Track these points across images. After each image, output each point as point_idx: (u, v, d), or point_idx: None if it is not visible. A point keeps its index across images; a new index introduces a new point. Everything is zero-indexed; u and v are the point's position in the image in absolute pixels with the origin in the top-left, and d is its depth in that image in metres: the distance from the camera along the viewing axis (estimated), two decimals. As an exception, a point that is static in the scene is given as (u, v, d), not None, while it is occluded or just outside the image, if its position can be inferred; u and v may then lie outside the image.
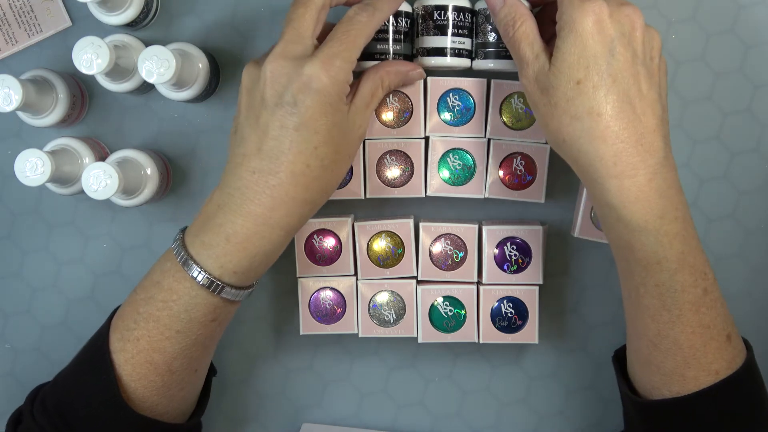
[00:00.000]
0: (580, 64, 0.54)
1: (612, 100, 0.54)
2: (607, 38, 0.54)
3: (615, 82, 0.54)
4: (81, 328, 0.74)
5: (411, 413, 0.75)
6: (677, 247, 0.55)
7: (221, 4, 0.71)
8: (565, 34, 0.55)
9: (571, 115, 0.55)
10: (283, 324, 0.74)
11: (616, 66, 0.54)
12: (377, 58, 0.66)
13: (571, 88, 0.54)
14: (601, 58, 0.54)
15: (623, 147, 0.54)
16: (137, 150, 0.68)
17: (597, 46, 0.54)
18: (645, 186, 0.54)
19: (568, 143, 0.56)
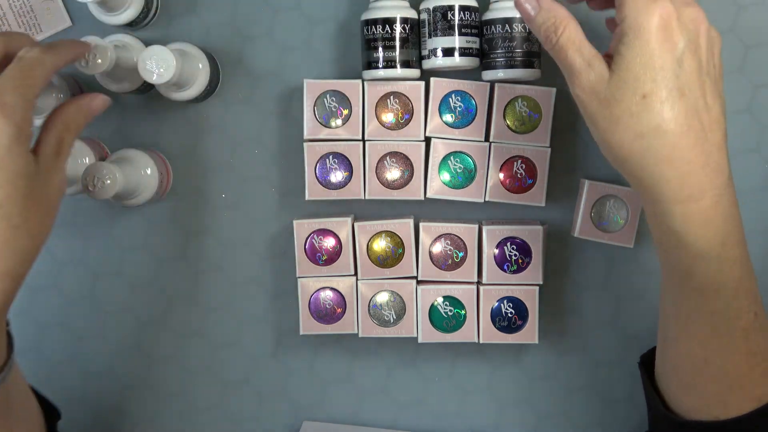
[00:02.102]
0: (647, 76, 0.49)
1: (680, 116, 0.50)
2: (675, 45, 0.50)
3: (683, 96, 0.50)
4: (81, 329, 0.74)
5: (411, 413, 0.75)
6: (737, 273, 0.52)
7: (221, 3, 0.71)
8: (629, 39, 0.50)
9: (636, 132, 0.50)
10: (283, 324, 0.74)
11: (684, 78, 0.50)
12: (382, 66, 0.66)
13: (636, 102, 0.50)
14: (669, 69, 0.49)
15: (691, 169, 0.50)
16: (137, 150, 0.68)
17: (666, 55, 0.49)
18: (711, 210, 0.51)
19: (631, 162, 0.51)
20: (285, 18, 0.71)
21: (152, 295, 0.74)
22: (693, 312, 0.54)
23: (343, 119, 0.68)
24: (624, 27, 0.50)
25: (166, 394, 0.75)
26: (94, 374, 0.75)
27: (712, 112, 0.51)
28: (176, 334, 0.75)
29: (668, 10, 0.49)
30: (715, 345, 0.53)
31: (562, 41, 0.53)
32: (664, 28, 0.49)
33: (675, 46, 0.50)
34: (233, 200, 0.73)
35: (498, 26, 0.66)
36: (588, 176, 0.72)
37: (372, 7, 0.67)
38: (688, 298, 0.54)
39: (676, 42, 0.50)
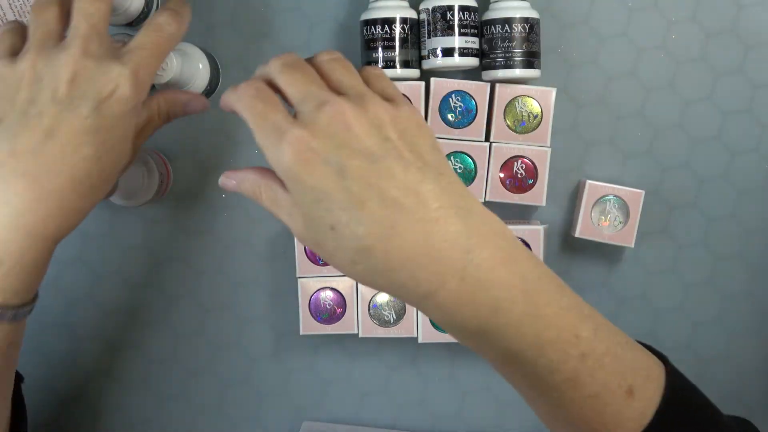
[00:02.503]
0: (320, 209, 0.45)
1: (373, 225, 0.44)
2: (326, 165, 0.45)
3: (365, 203, 0.44)
4: (80, 329, 0.74)
5: (411, 413, 0.75)
6: (527, 331, 0.46)
7: (221, 3, 0.71)
8: (287, 185, 0.47)
9: (350, 261, 0.45)
10: (283, 324, 0.74)
11: (356, 187, 0.44)
12: (382, 66, 0.66)
13: (331, 237, 0.45)
14: (335, 191, 0.44)
15: (415, 264, 0.45)
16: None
17: (322, 180, 0.45)
18: (458, 288, 0.45)
19: (368, 284, 0.47)
20: (285, 18, 0.71)
21: (152, 295, 0.74)
22: (512, 380, 0.49)
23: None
24: (277, 174, 0.47)
25: (166, 394, 0.75)
26: (94, 374, 0.75)
27: (410, 187, 0.45)
28: (176, 334, 0.75)
29: (295, 136, 0.45)
30: (549, 402, 0.48)
31: (265, 204, 0.50)
32: (305, 158, 0.45)
33: (326, 164, 0.45)
34: (233, 200, 0.73)
35: (498, 26, 0.66)
36: (588, 176, 0.72)
37: (371, 8, 0.67)
38: (500, 370, 0.49)
39: (324, 159, 0.45)
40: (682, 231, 0.73)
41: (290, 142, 0.45)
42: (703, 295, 0.73)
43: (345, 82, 0.49)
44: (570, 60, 0.71)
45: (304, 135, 0.45)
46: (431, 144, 0.48)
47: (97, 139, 0.51)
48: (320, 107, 0.46)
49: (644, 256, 0.73)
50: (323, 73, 0.50)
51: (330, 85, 0.49)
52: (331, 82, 0.49)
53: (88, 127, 0.50)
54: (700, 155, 0.72)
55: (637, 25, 0.71)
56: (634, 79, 0.71)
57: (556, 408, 0.48)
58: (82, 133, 0.50)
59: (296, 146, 0.45)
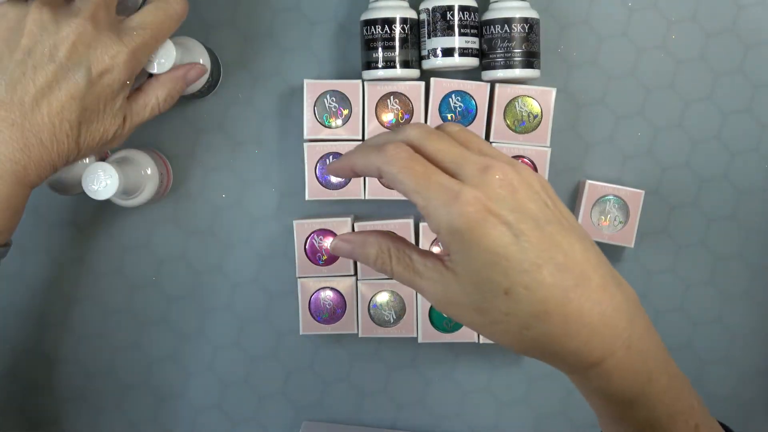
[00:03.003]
0: (496, 272, 0.43)
1: (551, 287, 0.43)
2: (499, 224, 0.43)
3: (539, 267, 0.43)
4: (81, 329, 0.74)
5: (411, 413, 0.75)
6: (668, 400, 0.47)
7: (221, 3, 0.71)
8: (454, 246, 0.44)
9: (520, 327, 0.44)
10: (283, 324, 0.74)
11: (532, 251, 0.43)
12: (381, 66, 0.66)
13: (503, 301, 0.44)
14: (510, 249, 0.43)
15: (590, 331, 0.44)
16: (137, 150, 0.68)
17: (499, 242, 0.43)
18: (625, 357, 0.45)
19: (531, 353, 0.46)
20: (285, 18, 0.72)
21: (152, 294, 0.74)
22: None
23: (343, 119, 0.68)
24: (441, 238, 0.45)
25: (166, 394, 0.75)
26: (94, 374, 0.75)
27: (575, 255, 0.44)
28: (176, 333, 0.75)
29: (471, 197, 0.43)
30: None
31: (395, 269, 0.48)
32: (478, 219, 0.43)
33: (502, 227, 0.43)
34: (233, 200, 0.73)
35: (497, 26, 0.66)
36: (588, 176, 0.72)
37: (371, 8, 0.67)
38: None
39: (501, 221, 0.43)
40: (682, 231, 0.73)
41: (465, 201, 0.43)
42: (703, 295, 0.73)
43: (486, 150, 0.47)
44: (570, 60, 0.71)
45: (478, 195, 0.43)
46: (566, 208, 0.48)
47: (82, 106, 0.54)
48: (486, 170, 0.44)
49: (644, 256, 0.73)
50: (460, 140, 0.48)
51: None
52: (472, 150, 0.47)
53: (76, 94, 0.54)
54: (700, 155, 0.72)
55: (637, 25, 0.71)
56: (634, 79, 0.71)
57: None
58: (71, 98, 0.53)
59: (472, 206, 0.43)
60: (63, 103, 0.53)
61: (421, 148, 0.46)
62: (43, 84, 0.53)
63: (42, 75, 0.53)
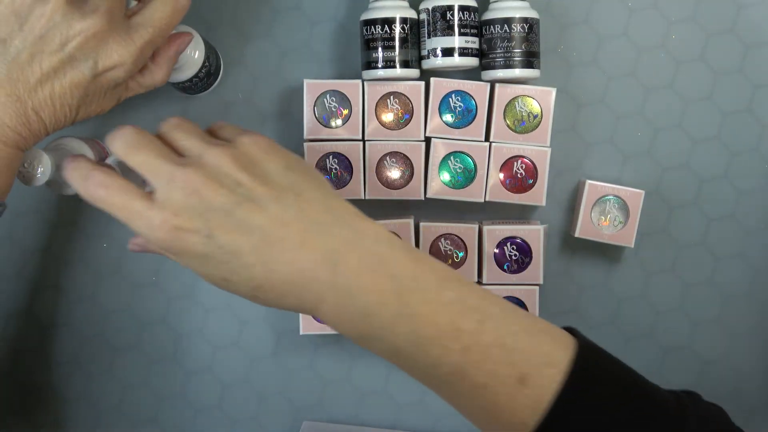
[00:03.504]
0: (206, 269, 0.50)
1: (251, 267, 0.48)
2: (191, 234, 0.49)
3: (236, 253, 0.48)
4: (82, 329, 0.74)
5: (411, 413, 0.75)
6: (403, 330, 0.48)
7: (221, 3, 0.71)
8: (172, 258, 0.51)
9: (251, 297, 0.50)
10: (283, 324, 0.74)
11: (222, 240, 0.48)
12: (381, 66, 0.66)
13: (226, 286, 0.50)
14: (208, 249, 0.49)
15: (294, 287, 0.48)
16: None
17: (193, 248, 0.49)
18: (333, 299, 0.48)
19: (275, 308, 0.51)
20: (285, 18, 0.72)
21: (152, 294, 0.74)
22: (407, 372, 0.50)
23: (343, 119, 0.68)
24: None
25: (166, 394, 0.75)
26: (95, 374, 0.75)
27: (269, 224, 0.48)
28: (176, 333, 0.75)
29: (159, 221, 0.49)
30: (444, 394, 0.50)
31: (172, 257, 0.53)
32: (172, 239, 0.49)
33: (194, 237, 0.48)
34: (233, 200, 0.73)
35: (497, 26, 0.66)
36: (588, 176, 0.72)
37: (371, 8, 0.67)
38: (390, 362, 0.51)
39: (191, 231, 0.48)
40: (682, 231, 0.73)
41: (157, 228, 0.49)
42: (703, 295, 0.73)
43: (185, 146, 0.52)
44: (570, 60, 0.71)
45: (166, 216, 0.48)
46: (284, 165, 0.51)
47: (83, 94, 0.56)
48: (171, 182, 0.49)
49: (644, 256, 0.73)
50: (168, 142, 0.53)
51: (176, 152, 0.52)
52: (177, 149, 0.52)
53: (80, 83, 0.55)
54: (700, 155, 0.72)
55: (637, 25, 0.71)
56: (634, 79, 0.71)
57: (453, 398, 0.50)
58: (74, 86, 0.55)
59: (163, 230, 0.48)
60: (66, 89, 0.55)
61: (126, 163, 0.52)
62: (49, 69, 0.54)
63: (50, 61, 0.54)
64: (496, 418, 0.48)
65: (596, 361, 0.50)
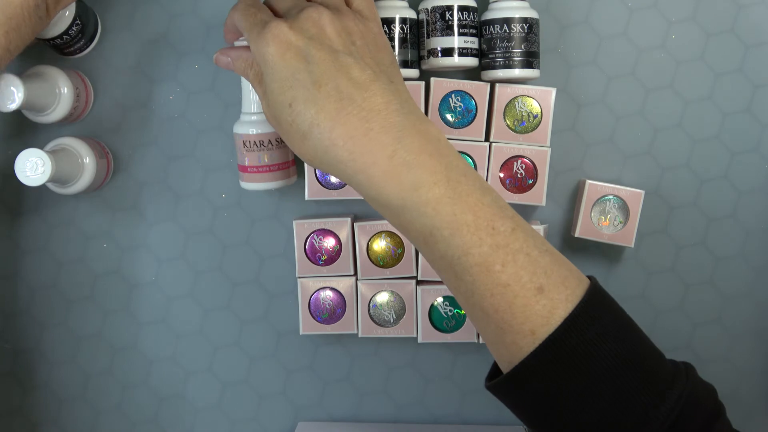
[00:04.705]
0: (285, 87, 0.53)
1: (326, 104, 0.52)
2: (296, 51, 0.53)
3: (321, 86, 0.53)
4: (81, 329, 0.74)
5: (411, 413, 0.75)
6: (445, 210, 0.51)
7: (222, 4, 0.71)
8: (263, 67, 0.55)
9: (301, 136, 0.54)
10: (283, 324, 0.74)
11: (317, 71, 0.53)
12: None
13: (288, 113, 0.54)
14: (299, 72, 0.53)
15: (354, 143, 0.52)
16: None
17: (291, 63, 0.53)
18: (387, 166, 0.51)
19: (314, 162, 0.54)
20: (285, 18, 0.72)
21: (152, 294, 0.74)
22: (432, 262, 0.53)
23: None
24: (257, 62, 0.56)
25: (165, 394, 0.75)
26: (94, 374, 0.75)
27: (362, 84, 0.53)
28: (176, 334, 0.75)
29: (278, 27, 0.54)
30: (463, 287, 0.52)
31: (251, 79, 0.59)
32: (280, 43, 0.53)
33: (296, 51, 0.53)
34: (233, 200, 0.73)
35: (497, 26, 0.66)
36: (588, 176, 0.72)
37: (371, 7, 0.67)
38: (422, 250, 0.53)
39: (296, 46, 0.53)
40: (682, 231, 0.73)
41: (271, 30, 0.53)
42: (703, 295, 0.73)
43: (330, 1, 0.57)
44: (570, 60, 0.71)
45: (284, 27, 0.54)
46: (390, 60, 0.57)
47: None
48: (302, 10, 0.55)
49: (644, 256, 0.73)
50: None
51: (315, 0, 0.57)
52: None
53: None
54: (700, 155, 0.72)
55: (637, 25, 0.71)
56: (634, 79, 0.71)
57: (470, 295, 0.52)
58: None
59: (276, 34, 0.53)
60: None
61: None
62: None
63: None
64: (507, 321, 0.50)
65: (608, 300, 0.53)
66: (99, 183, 0.70)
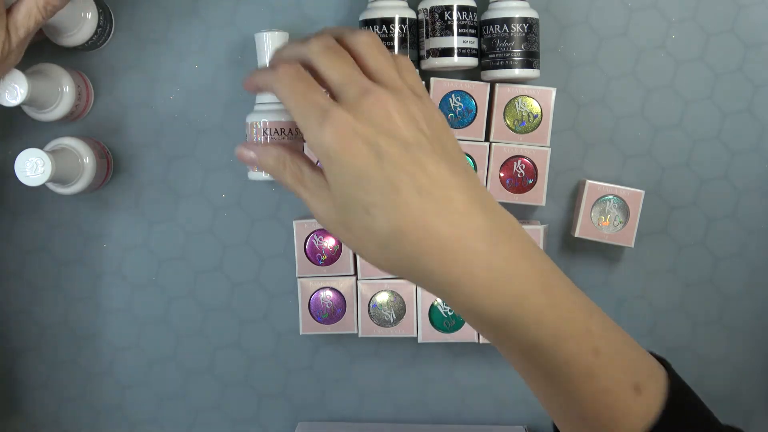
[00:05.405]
0: (355, 190, 0.46)
1: (408, 210, 0.46)
2: (365, 147, 0.46)
3: (400, 188, 0.45)
4: (81, 329, 0.74)
5: (411, 413, 0.75)
6: (548, 322, 0.47)
7: (221, 4, 0.71)
8: (324, 165, 0.47)
9: (379, 245, 0.47)
10: (283, 324, 0.74)
11: (392, 171, 0.46)
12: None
13: (362, 219, 0.47)
14: (371, 171, 0.46)
15: (446, 253, 0.46)
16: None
17: (360, 161, 0.46)
18: (486, 278, 0.46)
19: (393, 270, 0.48)
20: (285, 17, 0.72)
21: (152, 294, 0.74)
22: (530, 372, 0.50)
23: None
24: (315, 153, 0.48)
25: (165, 394, 0.75)
26: (94, 374, 0.75)
27: (439, 180, 0.46)
28: (176, 334, 0.75)
29: (340, 117, 0.46)
30: (563, 397, 0.49)
31: (287, 180, 0.51)
32: (346, 137, 0.46)
33: (366, 146, 0.46)
34: (233, 200, 0.73)
35: (497, 26, 0.66)
36: (588, 176, 0.72)
37: (370, 7, 0.67)
38: (518, 361, 0.50)
39: (364, 138, 0.46)
40: (682, 231, 0.73)
41: (334, 121, 0.46)
42: (703, 295, 0.73)
43: (383, 73, 0.49)
44: (570, 60, 0.71)
45: (348, 117, 0.46)
46: (453, 140, 0.50)
47: None
48: (364, 94, 0.47)
49: (644, 256, 0.72)
50: (359, 56, 0.50)
51: (366, 70, 0.49)
52: (368, 68, 0.49)
53: None
54: (700, 155, 0.72)
55: (637, 25, 0.71)
56: (634, 79, 0.71)
57: (570, 403, 0.49)
58: None
59: (340, 126, 0.46)
60: None
61: (313, 64, 0.49)
62: None
63: None
64: (607, 426, 0.48)
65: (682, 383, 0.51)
66: (99, 183, 0.70)
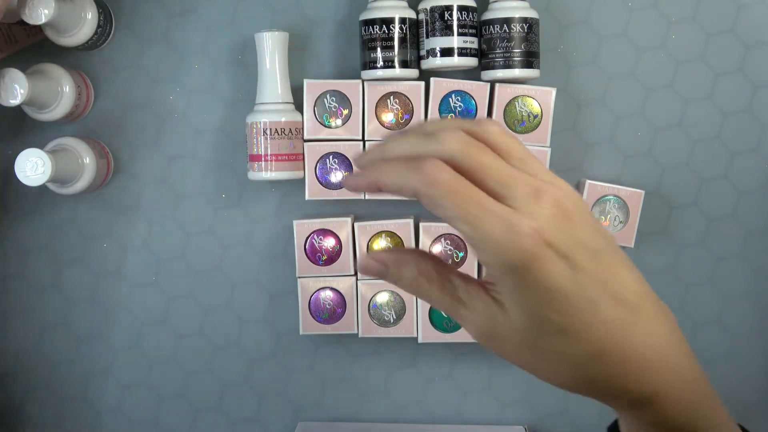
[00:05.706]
0: (552, 309, 0.40)
1: (608, 325, 0.40)
2: (557, 257, 0.39)
3: (599, 303, 0.40)
4: (81, 329, 0.74)
5: (411, 413, 0.75)
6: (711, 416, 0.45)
7: (221, 4, 0.71)
8: (505, 280, 0.40)
9: (575, 366, 0.41)
10: (283, 324, 0.74)
11: (588, 284, 0.40)
12: (380, 66, 0.66)
13: (558, 341, 0.41)
14: (567, 285, 0.39)
15: (649, 368, 0.42)
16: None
17: (554, 277, 0.39)
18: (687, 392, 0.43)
19: (581, 390, 0.43)
20: (285, 17, 0.72)
21: (153, 295, 0.74)
22: None
23: (343, 119, 0.69)
24: (491, 271, 0.40)
25: (165, 394, 0.75)
26: (95, 374, 0.75)
27: (627, 285, 0.42)
28: (176, 334, 0.75)
29: (528, 229, 0.38)
30: None
31: (434, 296, 0.43)
32: (535, 254, 0.39)
33: (560, 262, 0.39)
34: (233, 200, 0.73)
35: (497, 26, 0.66)
36: (588, 176, 0.72)
37: (370, 7, 0.67)
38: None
39: (558, 254, 0.39)
40: (682, 231, 0.73)
41: (524, 234, 0.38)
42: (703, 295, 0.73)
43: (529, 162, 0.42)
44: (570, 60, 0.71)
45: (537, 227, 0.39)
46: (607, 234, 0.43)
47: None
48: (538, 195, 0.40)
49: (644, 256, 0.72)
50: (501, 150, 0.42)
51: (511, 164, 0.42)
52: (512, 161, 0.42)
53: None
54: (700, 155, 0.72)
55: (637, 25, 0.71)
56: (634, 79, 0.71)
57: None
58: None
59: (531, 240, 0.38)
60: None
61: (462, 164, 0.40)
62: None
63: None
64: None
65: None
66: (99, 183, 0.70)
